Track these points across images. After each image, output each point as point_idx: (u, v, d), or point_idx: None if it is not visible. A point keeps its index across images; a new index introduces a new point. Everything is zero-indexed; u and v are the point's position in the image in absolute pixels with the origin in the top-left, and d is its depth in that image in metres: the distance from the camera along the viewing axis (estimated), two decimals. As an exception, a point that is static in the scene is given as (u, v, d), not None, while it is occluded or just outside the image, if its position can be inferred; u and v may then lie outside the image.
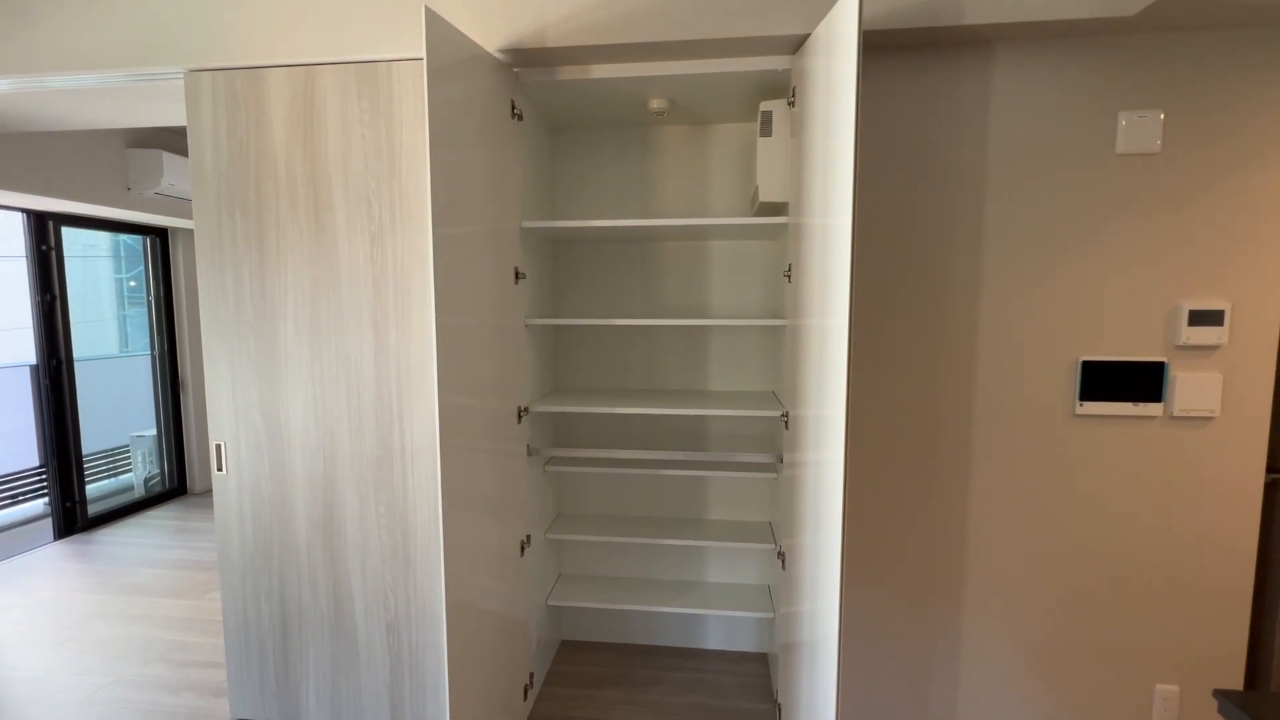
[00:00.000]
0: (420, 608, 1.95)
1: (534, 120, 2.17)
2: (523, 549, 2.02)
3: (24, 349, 4.06)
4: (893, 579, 1.95)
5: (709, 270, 2.39)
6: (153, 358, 4.60)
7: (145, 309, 4.50)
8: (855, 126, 1.25)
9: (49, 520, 3.80)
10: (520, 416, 2.00)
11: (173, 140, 3.69)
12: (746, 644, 2.53)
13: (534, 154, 2.17)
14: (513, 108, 1.88)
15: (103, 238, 4.23)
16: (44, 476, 4.60)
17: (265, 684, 2.06)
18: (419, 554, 1.93)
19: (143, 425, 4.80)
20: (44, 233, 3.57)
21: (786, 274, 1.98)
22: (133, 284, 5.72)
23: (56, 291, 3.62)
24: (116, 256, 4.60)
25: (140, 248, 4.30)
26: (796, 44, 1.71)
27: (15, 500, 4.38)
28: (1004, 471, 1.87)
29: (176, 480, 4.49)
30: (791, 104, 1.81)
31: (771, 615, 2.24)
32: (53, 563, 3.40)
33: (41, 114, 2.33)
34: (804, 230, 1.68)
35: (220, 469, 2.00)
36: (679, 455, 2.26)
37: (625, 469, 2.27)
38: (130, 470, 4.69)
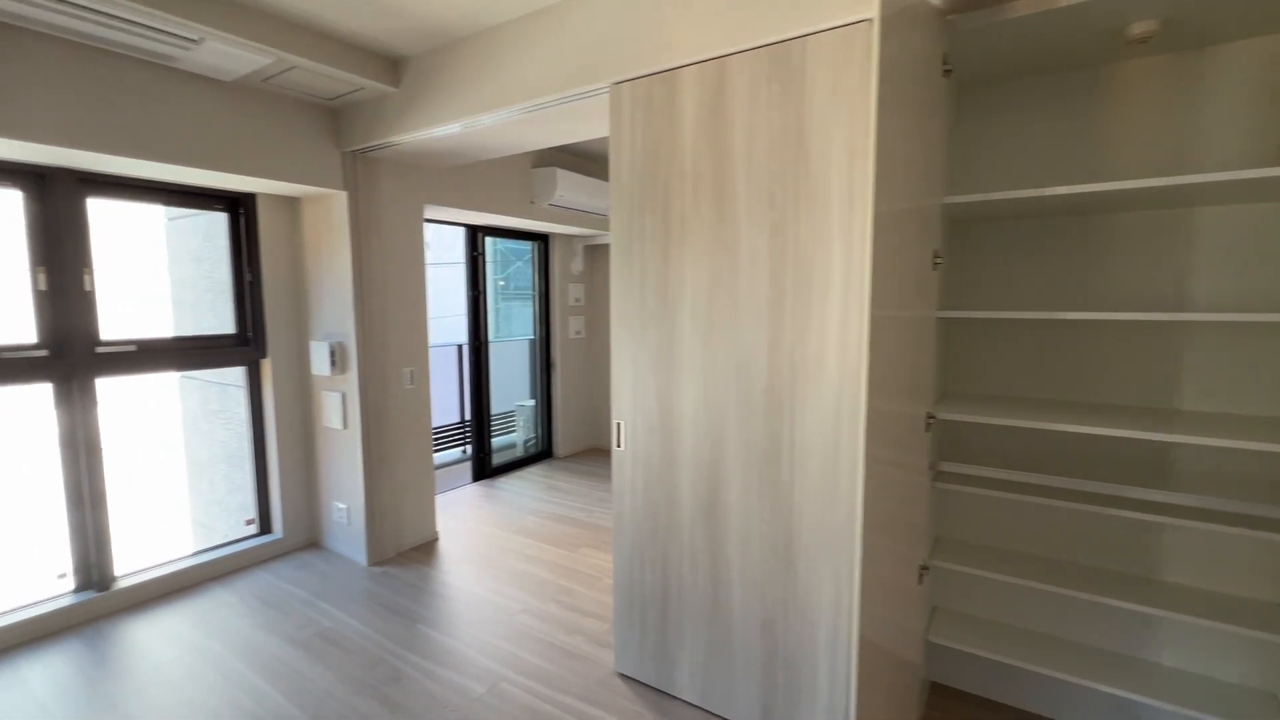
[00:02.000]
0: (799, 613, 1.85)
1: (953, 77, 1.87)
2: (920, 577, 1.77)
3: (454, 333, 5.32)
4: None
5: (1190, 247, 1.77)
6: (533, 342, 5.58)
7: (530, 301, 5.48)
8: None
9: (468, 465, 4.91)
10: (928, 425, 1.75)
11: (562, 159, 4.36)
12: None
13: (947, 116, 1.87)
14: (944, 62, 1.61)
15: (500, 245, 5.28)
16: (465, 431, 5.95)
17: (645, 648, 2.23)
18: (802, 559, 1.83)
19: (524, 397, 5.92)
20: (475, 242, 4.57)
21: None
22: (502, 283, 7.08)
23: (481, 288, 4.61)
24: (494, 260, 5.74)
25: (530, 252, 5.24)
26: None
27: (448, 446, 5.80)
28: None
29: (545, 444, 5.40)
30: None
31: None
32: (473, 500, 4.35)
33: (492, 143, 2.89)
34: None
35: (619, 445, 2.20)
36: (1131, 491, 1.72)
37: (1037, 497, 1.83)
38: (514, 432, 5.84)
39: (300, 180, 2.91)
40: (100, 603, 2.75)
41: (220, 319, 3.29)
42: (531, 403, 5.50)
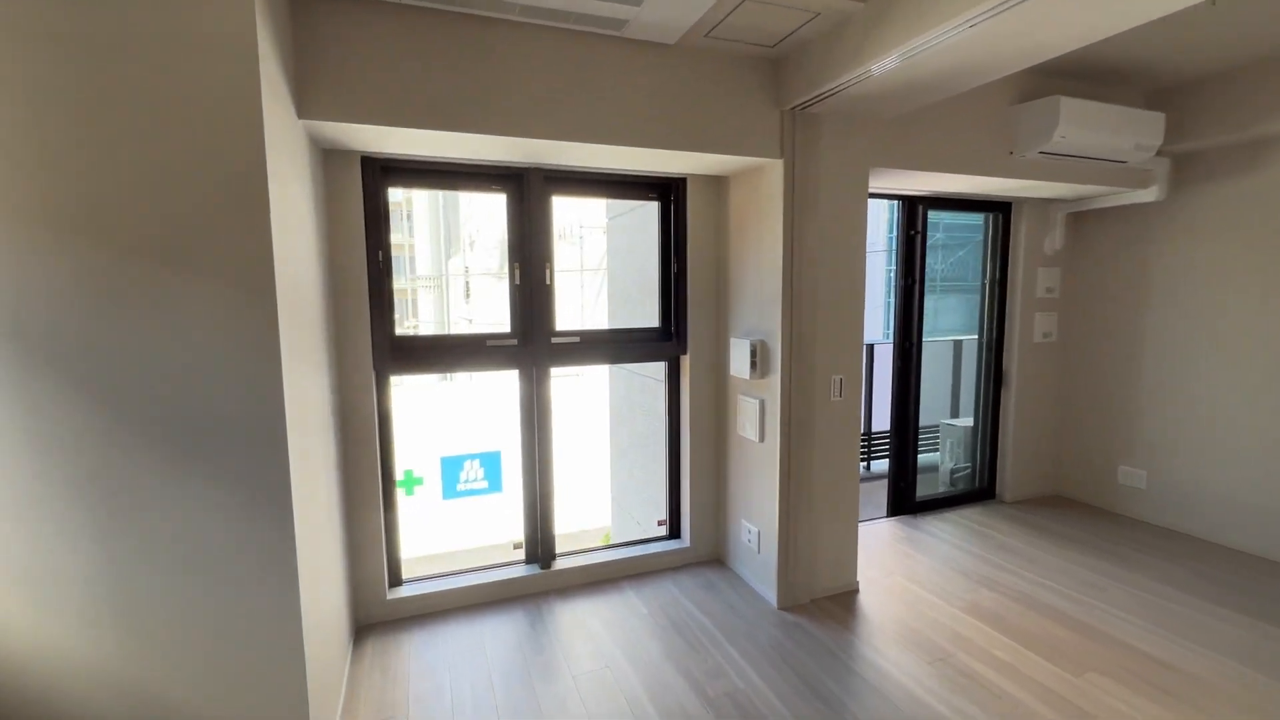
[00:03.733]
0: None
1: None
2: None
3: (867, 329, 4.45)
4: None
5: None
6: (966, 345, 4.33)
7: (971, 291, 4.23)
8: None
9: (879, 489, 4.03)
10: None
11: (1059, 85, 3.04)
12: None
13: None
14: None
15: (943, 219, 4.16)
16: (873, 446, 5.09)
17: None
18: None
19: (948, 413, 4.71)
20: (912, 217, 3.62)
21: None
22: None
23: (917, 275, 3.64)
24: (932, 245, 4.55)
25: (982, 227, 4.00)
26: None
27: (873, 457, 5.08)
28: None
29: (984, 480, 4.10)
30: None
31: None
32: (892, 542, 3.46)
33: (998, 53, 1.92)
34: None
35: None
36: None
37: None
38: (935, 451, 4.69)
39: (735, 150, 2.49)
40: (540, 580, 2.90)
41: (647, 313, 3.21)
42: (964, 423, 4.26)
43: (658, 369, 3.41)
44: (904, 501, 3.84)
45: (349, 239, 2.45)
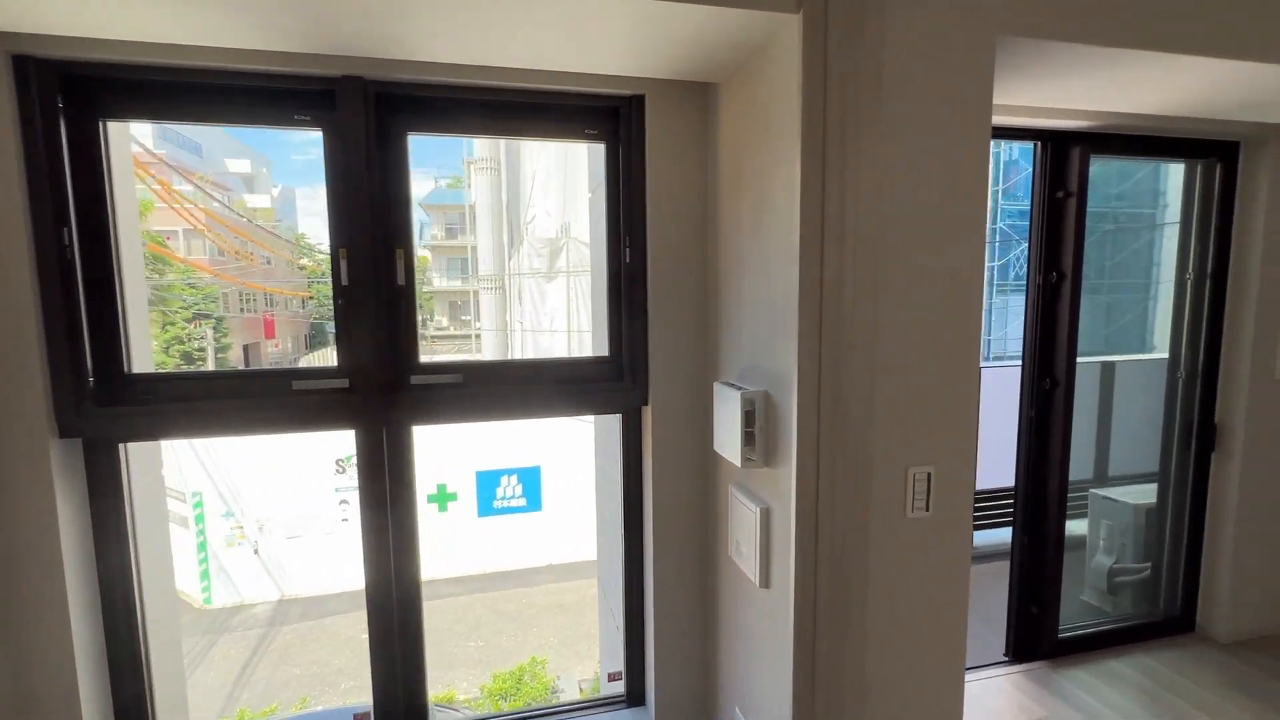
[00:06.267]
0: None
1: None
2: None
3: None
4: None
5: None
6: (1170, 378, 2.62)
7: (1151, 291, 2.66)
8: None
9: (992, 566, 2.55)
10: None
11: None
12: None
13: None
14: None
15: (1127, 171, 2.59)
16: (1013, 504, 3.51)
17: None
18: None
19: (1099, 475, 3.11)
20: (1062, 169, 2.14)
21: None
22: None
23: (1069, 265, 2.16)
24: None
25: (1196, 175, 2.40)
26: None
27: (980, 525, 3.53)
28: None
29: (1180, 600, 2.51)
30: None
31: None
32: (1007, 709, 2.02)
33: None
34: None
35: None
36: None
37: None
38: (1079, 532, 3.10)
39: None
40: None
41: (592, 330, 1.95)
42: (1134, 498, 2.69)
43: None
44: (1034, 637, 2.35)
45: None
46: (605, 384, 1.81)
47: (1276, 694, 2.10)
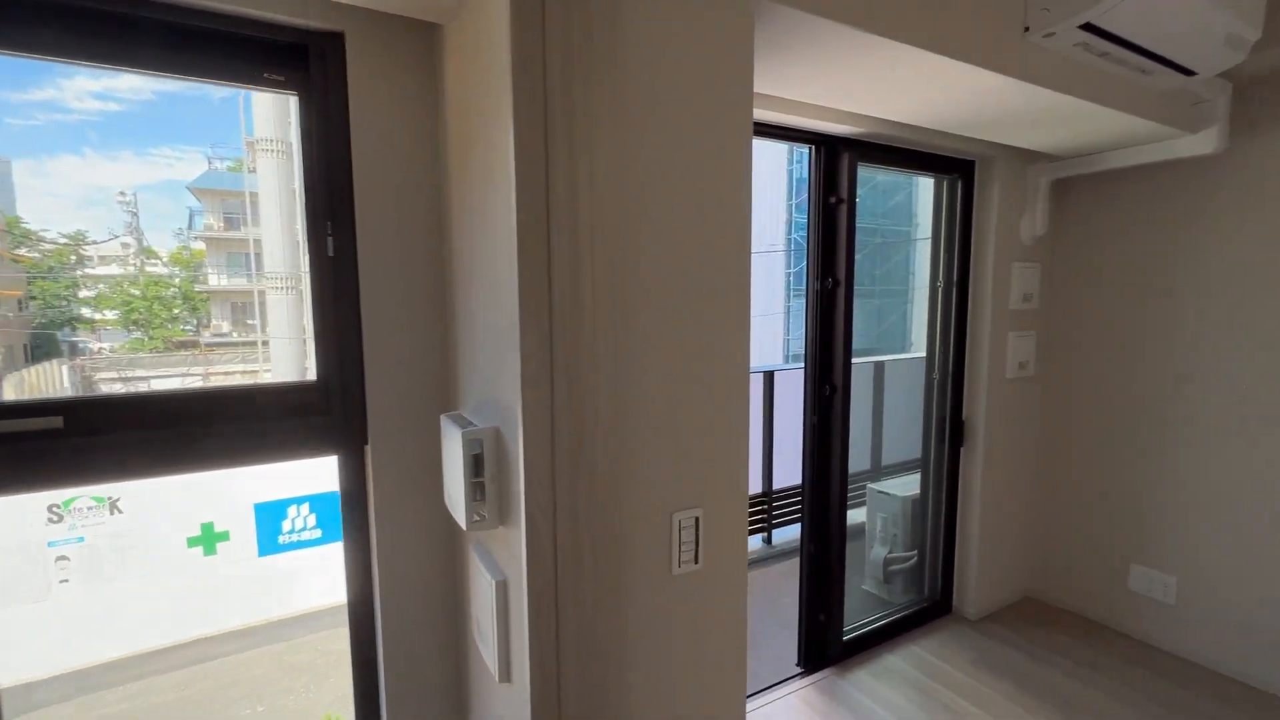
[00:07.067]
0: None
1: None
2: None
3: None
4: None
5: None
6: (929, 378, 2.80)
7: (908, 296, 2.84)
8: None
9: (786, 566, 2.53)
10: None
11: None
12: None
13: None
14: None
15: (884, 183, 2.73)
16: (800, 504, 3.53)
17: None
18: None
19: (874, 468, 3.32)
20: (834, 175, 2.13)
21: None
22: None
23: (842, 270, 2.15)
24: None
25: (943, 190, 2.57)
26: None
27: (774, 524, 3.54)
28: None
29: (940, 584, 2.70)
30: None
31: None
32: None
33: None
34: None
35: None
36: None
37: None
38: (857, 520, 3.28)
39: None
40: None
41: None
42: (901, 490, 2.87)
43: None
44: (822, 644, 2.34)
45: None
46: (308, 418, 1.35)
47: (1013, 663, 2.30)
